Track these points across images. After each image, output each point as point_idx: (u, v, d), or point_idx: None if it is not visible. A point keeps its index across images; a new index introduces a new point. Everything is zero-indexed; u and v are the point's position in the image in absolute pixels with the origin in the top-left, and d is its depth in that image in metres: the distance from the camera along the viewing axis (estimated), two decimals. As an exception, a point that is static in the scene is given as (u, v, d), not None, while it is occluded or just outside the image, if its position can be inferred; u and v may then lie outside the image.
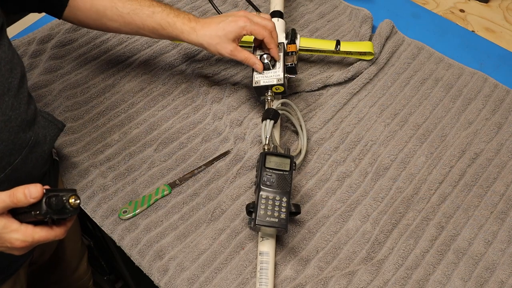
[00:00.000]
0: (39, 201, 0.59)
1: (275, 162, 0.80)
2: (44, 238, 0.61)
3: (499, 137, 0.97)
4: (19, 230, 0.60)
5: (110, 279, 1.39)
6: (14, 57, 0.69)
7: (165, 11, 0.88)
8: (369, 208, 0.88)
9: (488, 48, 1.12)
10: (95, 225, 0.88)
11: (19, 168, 0.69)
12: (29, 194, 0.58)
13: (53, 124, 0.77)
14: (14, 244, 0.60)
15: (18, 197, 0.58)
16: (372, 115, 1.00)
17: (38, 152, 0.73)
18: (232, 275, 0.80)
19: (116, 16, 0.87)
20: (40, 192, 0.58)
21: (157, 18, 0.87)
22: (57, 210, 0.59)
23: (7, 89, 0.65)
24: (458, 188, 0.90)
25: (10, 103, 0.66)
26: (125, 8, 0.87)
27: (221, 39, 0.87)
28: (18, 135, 0.68)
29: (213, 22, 0.88)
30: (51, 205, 0.58)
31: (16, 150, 0.68)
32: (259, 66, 0.89)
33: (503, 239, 0.85)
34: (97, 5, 0.86)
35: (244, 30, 0.87)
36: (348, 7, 1.17)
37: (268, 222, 0.76)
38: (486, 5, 1.21)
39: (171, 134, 0.96)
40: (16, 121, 0.67)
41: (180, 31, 0.87)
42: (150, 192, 0.88)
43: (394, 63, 1.07)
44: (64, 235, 0.64)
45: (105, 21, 0.88)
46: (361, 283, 0.80)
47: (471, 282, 0.80)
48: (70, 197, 0.59)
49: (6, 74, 0.66)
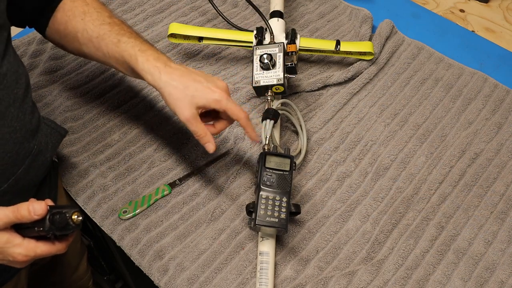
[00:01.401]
0: (42, 218, 0.59)
1: (275, 162, 0.80)
2: (46, 253, 0.62)
3: (499, 137, 0.97)
4: (21, 245, 0.60)
5: (110, 279, 1.39)
6: (19, 67, 0.68)
7: (131, 42, 0.75)
8: (369, 208, 0.88)
9: (488, 48, 1.12)
10: (95, 225, 0.88)
11: (22, 178, 0.69)
12: (33, 211, 0.58)
13: (56, 131, 0.76)
14: (16, 258, 0.61)
15: (22, 213, 0.58)
16: (372, 115, 1.00)
17: (41, 160, 0.72)
18: (232, 275, 0.80)
19: (86, 40, 0.77)
20: (44, 210, 0.59)
21: (122, 47, 0.75)
22: (60, 227, 0.59)
23: (12, 101, 0.65)
24: (458, 188, 0.90)
25: (16, 114, 0.65)
26: (94, 32, 0.76)
27: (186, 98, 0.73)
28: (22, 145, 0.67)
29: (187, 75, 0.74)
30: (54, 222, 0.59)
31: (20, 160, 0.68)
32: (211, 147, 0.76)
33: (503, 239, 0.85)
34: (69, 27, 0.78)
35: (218, 104, 0.74)
36: (348, 7, 1.17)
37: (268, 222, 0.76)
38: (486, 5, 1.21)
39: (171, 134, 0.96)
40: (21, 132, 0.66)
41: (141, 68, 0.74)
42: (150, 192, 0.88)
43: (394, 63, 1.07)
44: (66, 249, 0.64)
45: (78, 45, 0.79)
46: (361, 283, 0.80)
47: (471, 282, 0.81)
48: (73, 213, 0.59)
49: (12, 85, 0.65)
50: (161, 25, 1.12)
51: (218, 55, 1.09)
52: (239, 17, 1.15)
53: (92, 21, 0.77)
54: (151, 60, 0.74)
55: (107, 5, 1.13)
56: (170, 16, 1.14)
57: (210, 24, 1.14)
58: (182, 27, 1.03)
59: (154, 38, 1.10)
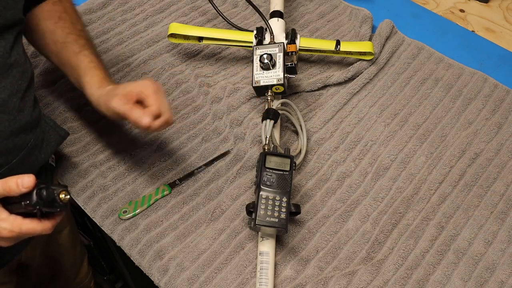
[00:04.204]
0: (30, 192, 0.60)
1: (275, 162, 0.80)
2: (31, 231, 0.62)
3: (499, 137, 0.97)
4: (7, 220, 0.61)
5: (110, 279, 1.39)
6: (26, 61, 0.71)
7: (90, 57, 0.80)
8: (369, 208, 0.88)
9: (488, 48, 1.12)
10: (95, 225, 0.88)
11: (15, 169, 0.70)
12: (22, 184, 0.59)
13: (55, 130, 0.78)
14: (2, 233, 0.61)
15: (10, 186, 0.59)
16: (372, 115, 1.00)
17: (35, 155, 0.73)
18: (232, 275, 0.80)
19: (51, 42, 0.81)
20: (32, 183, 0.59)
21: (80, 59, 0.79)
22: (47, 202, 0.60)
23: (16, 91, 0.67)
24: (458, 188, 0.90)
25: (17, 104, 0.67)
26: (61, 37, 0.80)
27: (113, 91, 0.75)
28: (19, 135, 0.68)
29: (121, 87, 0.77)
30: (41, 196, 0.59)
31: (16, 150, 0.69)
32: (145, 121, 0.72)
33: (503, 239, 0.85)
34: (41, 25, 0.81)
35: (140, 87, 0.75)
36: (348, 7, 1.17)
37: (268, 222, 0.76)
38: (486, 5, 1.21)
39: (171, 134, 0.96)
40: (20, 122, 0.68)
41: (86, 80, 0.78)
42: (150, 192, 0.88)
43: (394, 63, 1.07)
44: (51, 230, 0.64)
45: (42, 43, 0.82)
46: (361, 283, 0.80)
47: (471, 282, 0.81)
48: (61, 192, 0.61)
49: (17, 76, 0.67)
50: (161, 25, 1.12)
51: (218, 55, 1.09)
52: (239, 17, 1.15)
53: (63, 28, 0.81)
54: (98, 74, 0.78)
55: (107, 5, 1.14)
56: (170, 16, 1.14)
57: (210, 24, 1.14)
58: (182, 27, 1.03)
59: (154, 38, 1.10)
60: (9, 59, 0.66)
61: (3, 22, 0.65)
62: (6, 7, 0.65)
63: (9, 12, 0.66)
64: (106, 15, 1.13)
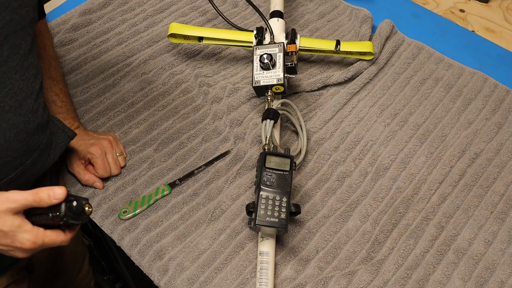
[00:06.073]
0: (58, 203, 0.59)
1: (275, 162, 0.80)
2: (52, 242, 0.62)
3: (499, 137, 0.97)
4: (31, 231, 0.60)
5: (110, 279, 1.39)
6: (38, 64, 0.71)
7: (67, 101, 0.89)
8: (369, 208, 0.88)
9: (488, 48, 1.12)
10: (95, 225, 0.88)
11: (28, 169, 0.70)
12: (53, 195, 0.59)
13: (63, 131, 0.78)
14: (24, 244, 0.61)
15: (41, 197, 0.59)
16: (372, 115, 0.99)
17: (46, 156, 0.74)
18: (232, 275, 0.80)
19: None
20: (64, 194, 0.59)
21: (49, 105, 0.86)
22: (76, 214, 0.60)
23: (30, 93, 0.68)
24: (458, 188, 0.90)
25: (31, 106, 0.68)
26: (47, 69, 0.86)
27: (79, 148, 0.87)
28: (33, 136, 0.69)
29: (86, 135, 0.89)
30: (71, 208, 0.59)
31: (30, 151, 0.69)
32: (99, 185, 0.88)
33: (503, 239, 0.85)
34: None
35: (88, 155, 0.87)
36: (348, 7, 1.17)
37: (268, 222, 0.76)
38: (486, 5, 1.21)
39: (171, 134, 0.96)
40: (33, 124, 0.68)
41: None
42: (150, 192, 0.88)
43: (394, 63, 1.07)
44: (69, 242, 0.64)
45: None
46: (361, 283, 0.80)
47: (471, 282, 0.80)
48: (85, 204, 0.61)
49: (32, 78, 0.68)
50: (161, 25, 1.12)
51: (218, 55, 1.09)
52: (239, 17, 1.15)
53: None
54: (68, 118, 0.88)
55: (107, 6, 1.14)
56: (170, 16, 1.14)
57: (210, 24, 1.14)
58: (182, 27, 1.03)
59: (154, 38, 1.10)
60: (27, 61, 0.67)
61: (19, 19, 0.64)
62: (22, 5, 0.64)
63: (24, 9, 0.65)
64: (106, 15, 1.13)
